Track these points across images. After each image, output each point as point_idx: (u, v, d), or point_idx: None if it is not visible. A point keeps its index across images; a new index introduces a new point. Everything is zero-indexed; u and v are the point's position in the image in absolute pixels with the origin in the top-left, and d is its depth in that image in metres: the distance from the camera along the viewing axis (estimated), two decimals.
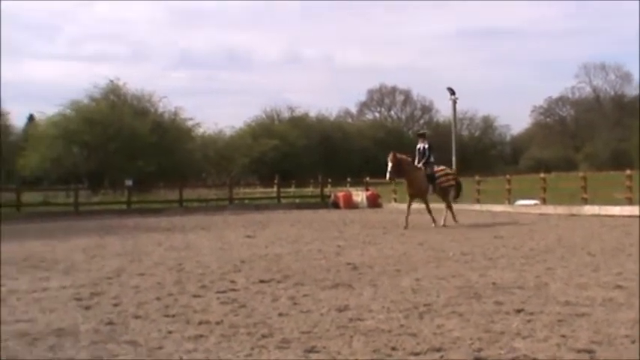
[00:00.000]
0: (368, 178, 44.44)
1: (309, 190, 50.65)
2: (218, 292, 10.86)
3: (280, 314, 8.97)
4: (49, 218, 32.78)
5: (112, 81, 60.08)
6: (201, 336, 7.91)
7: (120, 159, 54.86)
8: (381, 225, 24.70)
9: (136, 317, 9.05)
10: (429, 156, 23.98)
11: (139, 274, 13.08)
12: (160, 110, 62.18)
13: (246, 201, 44.22)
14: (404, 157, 23.73)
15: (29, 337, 8.04)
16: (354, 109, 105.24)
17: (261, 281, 11.79)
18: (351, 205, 39.81)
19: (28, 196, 42.32)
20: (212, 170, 64.04)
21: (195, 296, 10.55)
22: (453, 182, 24.67)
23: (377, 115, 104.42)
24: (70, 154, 56.54)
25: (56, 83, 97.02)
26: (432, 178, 23.86)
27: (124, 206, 38.38)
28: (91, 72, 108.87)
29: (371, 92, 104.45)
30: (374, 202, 39.87)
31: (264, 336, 7.81)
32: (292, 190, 50.82)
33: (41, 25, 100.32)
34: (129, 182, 41.61)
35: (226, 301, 10.01)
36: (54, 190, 50.76)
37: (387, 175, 23.32)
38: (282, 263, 14.26)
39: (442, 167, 24.91)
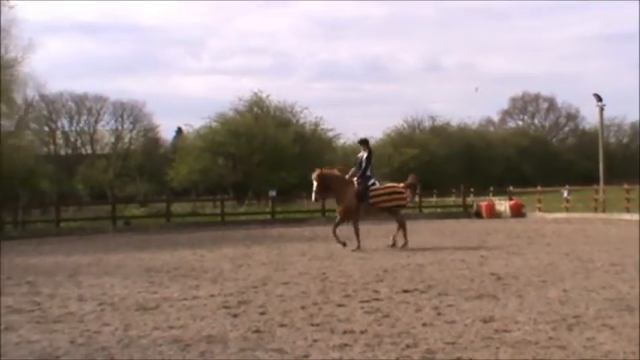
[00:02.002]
0: (511, 187, 43.60)
1: (451, 199, 50.15)
2: (361, 301, 10.94)
3: (424, 324, 8.94)
4: (197, 228, 33.83)
5: (255, 93, 61.39)
6: (345, 345, 7.99)
7: (264, 170, 55.98)
8: (526, 235, 24.18)
9: (282, 325, 9.23)
10: (366, 168, 20.38)
11: (284, 283, 13.32)
12: (302, 121, 63.04)
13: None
14: (331, 172, 20.88)
15: (181, 343, 8.35)
16: (495, 118, 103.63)
17: (405, 291, 11.79)
18: (493, 214, 39.17)
19: (177, 207, 43.82)
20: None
21: (339, 305, 10.66)
22: (402, 202, 20.97)
23: (520, 123, 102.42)
24: (216, 165, 58.13)
25: (202, 97, 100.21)
26: (364, 195, 20.26)
27: (269, 216, 39.12)
28: (236, 85, 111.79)
29: (513, 100, 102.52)
30: (517, 212, 39.07)
31: (408, 346, 7.81)
32: (434, 199, 50.46)
33: (187, 41, 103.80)
34: (273, 193, 42.39)
35: (370, 311, 10.06)
36: (201, 200, 52.34)
37: (313, 197, 20.92)
38: (424, 273, 14.20)
39: (390, 184, 21.39)
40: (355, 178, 20.41)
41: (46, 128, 62.91)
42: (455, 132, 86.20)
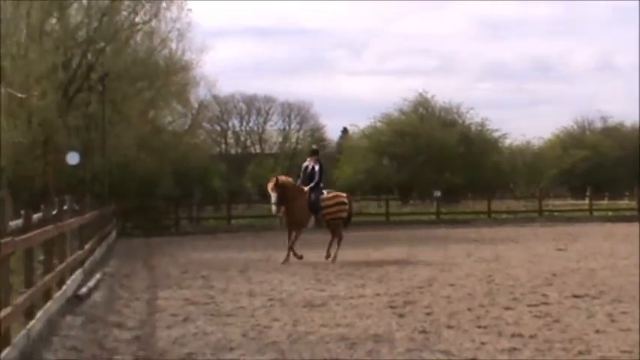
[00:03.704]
0: None
1: (624, 202, 48.13)
2: (530, 305, 10.74)
3: (597, 331, 8.68)
4: (361, 227, 34.03)
5: (420, 94, 61.17)
6: (514, 349, 7.88)
7: (428, 170, 55.69)
8: None
9: (449, 327, 9.20)
10: (320, 179, 18.94)
11: (450, 285, 13.25)
12: (467, 122, 62.26)
13: (556, 213, 43.01)
14: (287, 180, 19.27)
15: (348, 341, 8.48)
16: None
17: (575, 296, 11.48)
18: None
19: None
20: (520, 182, 62.97)
21: (506, 308, 10.51)
22: (345, 214, 19.59)
23: None
24: (381, 165, 58.38)
25: (367, 97, 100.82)
26: (315, 207, 18.79)
27: (433, 217, 38.91)
28: (400, 86, 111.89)
29: None
30: None
31: (580, 353, 7.61)
32: (605, 202, 48.62)
33: (351, 43, 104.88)
34: (437, 193, 42.09)
35: (539, 315, 9.87)
36: (366, 200, 52.67)
37: (273, 209, 18.84)
38: (596, 278, 13.76)
39: (334, 193, 20.05)
40: (307, 188, 18.80)
41: (218, 128, 65.15)
42: (628, 133, 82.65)
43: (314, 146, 19.85)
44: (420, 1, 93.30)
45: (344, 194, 20.45)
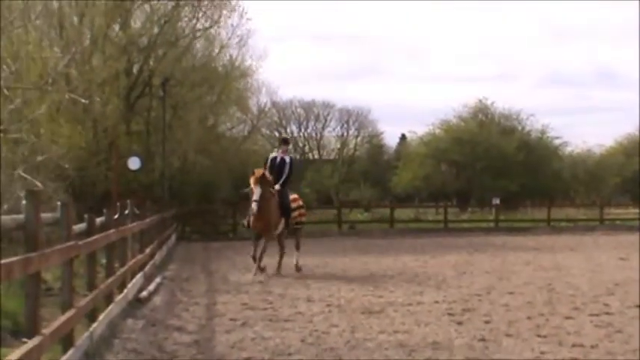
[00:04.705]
0: None
1: None
2: (591, 314, 10.59)
3: None
4: (419, 234, 33.90)
5: (480, 100, 60.72)
6: (575, 359, 7.78)
7: (486, 178, 55.21)
8: None
9: (508, 335, 9.12)
10: (290, 175, 16.61)
11: (509, 293, 13.13)
12: (527, 129, 61.57)
13: (617, 222, 42.29)
14: (269, 175, 16.23)
15: (407, 348, 8.46)
16: None
17: (638, 306, 11.26)
18: None
19: (400, 213, 44.17)
20: (581, 189, 62.01)
21: (567, 318, 10.39)
22: (305, 219, 17.94)
23: None
24: (439, 172, 58.06)
25: (426, 104, 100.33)
26: (286, 208, 16.51)
27: (492, 224, 38.60)
28: (460, 92, 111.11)
29: None
30: None
31: None
32: None
33: (410, 48, 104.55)
34: (496, 200, 41.72)
35: (600, 325, 9.73)
36: (424, 207, 52.44)
37: (254, 208, 15.64)
38: None
39: (294, 195, 17.64)
40: (277, 186, 16.34)
41: (276, 134, 65.56)
42: None
43: (284, 135, 17.19)
44: (484, 1, 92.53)
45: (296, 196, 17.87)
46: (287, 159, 16.57)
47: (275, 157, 16.59)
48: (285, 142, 17.71)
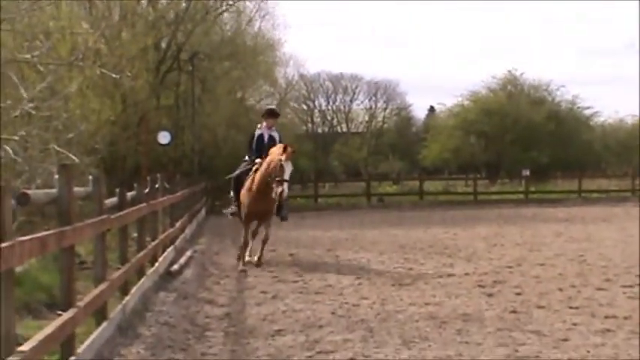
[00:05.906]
0: None
1: None
2: (624, 286, 10.53)
3: None
4: (449, 206, 33.81)
5: (509, 71, 60.17)
6: (608, 330, 7.74)
7: (516, 149, 54.87)
8: None
9: (539, 307, 9.09)
10: None
11: (539, 264, 13.08)
12: (557, 99, 60.99)
13: None
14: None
15: (437, 319, 8.46)
16: None
17: None
18: None
19: (429, 185, 44.06)
20: (612, 160, 61.39)
21: (599, 289, 10.33)
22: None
23: None
24: (468, 144, 57.75)
25: (455, 75, 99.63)
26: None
27: (522, 196, 38.36)
28: (489, 63, 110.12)
29: None
30: None
31: None
32: None
33: (439, 21, 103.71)
34: (526, 172, 41.44)
35: (633, 296, 9.67)
36: (453, 179, 52.28)
37: (285, 188, 13.19)
38: None
39: None
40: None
41: (305, 107, 65.43)
42: None
43: (271, 106, 15.43)
44: None
45: None
46: (276, 136, 14.34)
47: (262, 135, 14.35)
48: (271, 114, 14.83)
